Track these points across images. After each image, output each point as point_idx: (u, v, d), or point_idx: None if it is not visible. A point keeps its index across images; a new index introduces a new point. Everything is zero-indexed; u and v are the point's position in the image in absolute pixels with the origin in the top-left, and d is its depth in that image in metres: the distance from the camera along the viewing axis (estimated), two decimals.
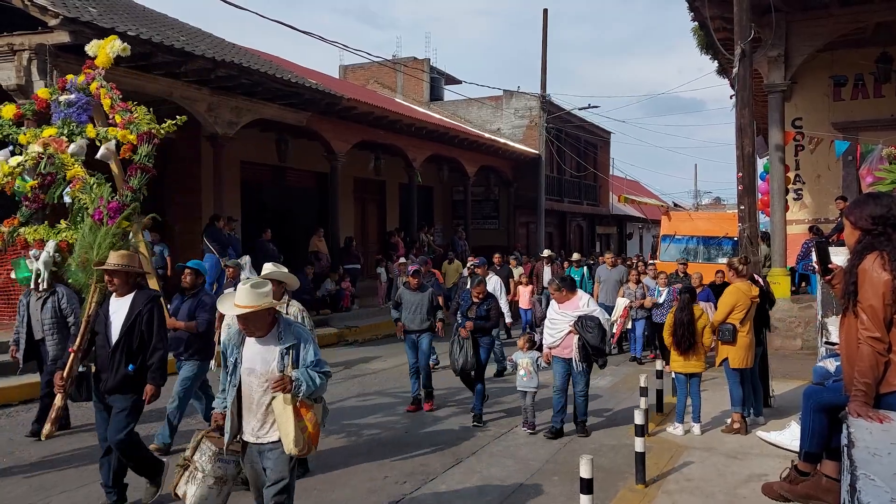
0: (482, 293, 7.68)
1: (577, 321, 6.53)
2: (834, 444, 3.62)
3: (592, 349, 6.49)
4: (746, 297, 6.95)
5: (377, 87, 27.93)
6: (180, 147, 14.59)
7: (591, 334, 6.44)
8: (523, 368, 7.12)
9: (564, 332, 6.65)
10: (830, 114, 14.79)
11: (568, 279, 7.00)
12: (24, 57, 9.27)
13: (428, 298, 8.13)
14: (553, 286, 6.89)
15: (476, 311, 7.59)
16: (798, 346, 11.43)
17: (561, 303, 6.77)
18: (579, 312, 6.60)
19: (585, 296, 6.85)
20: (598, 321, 6.54)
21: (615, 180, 35.99)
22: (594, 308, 6.70)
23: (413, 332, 8.12)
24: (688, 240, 18.00)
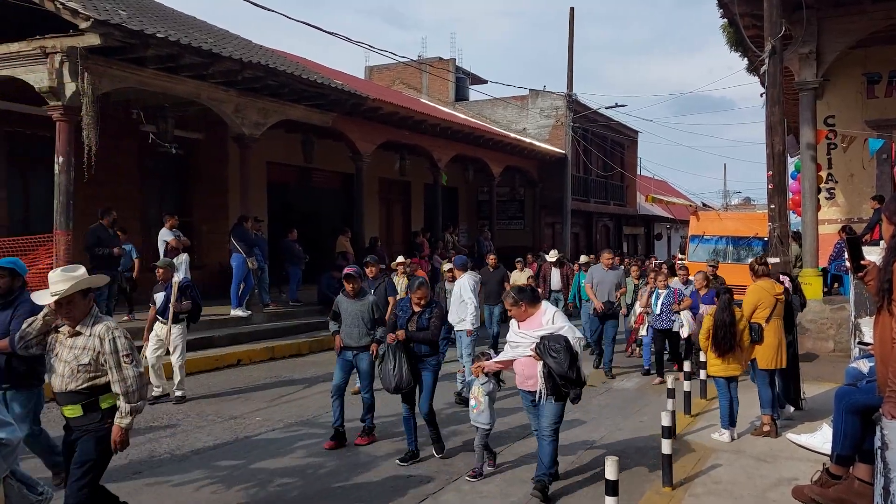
0: (423, 299, 6.25)
1: (539, 343, 5.05)
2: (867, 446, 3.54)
3: (560, 379, 4.96)
4: (769, 295, 6.84)
5: (402, 87, 28.00)
6: (207, 148, 14.78)
7: (556, 359, 4.90)
8: (474, 398, 5.84)
9: (522, 355, 5.24)
10: (864, 111, 14.49)
11: (527, 290, 5.48)
12: (56, 59, 9.41)
13: (368, 309, 6.69)
14: (508, 300, 5.37)
15: (417, 321, 6.17)
16: (830, 348, 11.21)
17: (521, 320, 5.32)
18: (542, 331, 5.11)
19: (551, 309, 5.32)
20: (566, 342, 4.99)
21: (643, 180, 35.67)
22: (561, 325, 5.13)
23: (351, 348, 6.73)
24: (717, 240, 17.78)
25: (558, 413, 5.18)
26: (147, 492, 5.39)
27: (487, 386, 5.78)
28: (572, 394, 5.09)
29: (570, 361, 4.89)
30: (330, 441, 6.56)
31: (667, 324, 9.77)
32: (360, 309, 6.69)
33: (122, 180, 13.03)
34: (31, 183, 12.08)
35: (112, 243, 10.16)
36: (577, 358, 4.97)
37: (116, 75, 10.21)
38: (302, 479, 5.73)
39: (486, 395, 5.75)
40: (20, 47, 9.54)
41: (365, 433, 6.70)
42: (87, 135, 9.58)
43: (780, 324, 6.91)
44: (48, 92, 9.51)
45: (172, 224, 11.32)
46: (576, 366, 4.94)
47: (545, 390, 5.04)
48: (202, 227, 14.81)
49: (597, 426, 7.33)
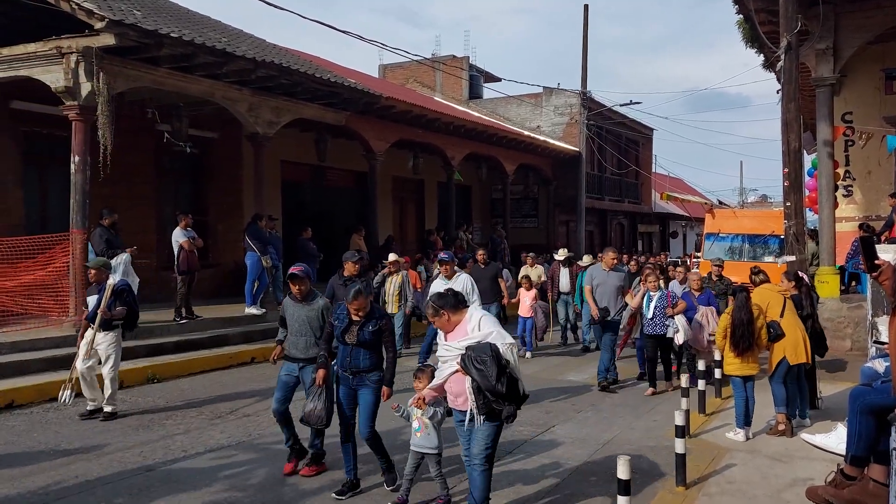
0: (361, 310, 5.24)
1: (464, 355, 4.35)
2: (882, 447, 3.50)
3: (490, 394, 4.28)
4: (774, 293, 6.93)
5: (416, 85, 28.02)
6: (222, 147, 14.86)
7: (481, 371, 4.23)
8: (416, 419, 5.16)
9: (450, 373, 4.55)
10: (882, 108, 14.32)
11: (448, 295, 4.70)
12: (71, 59, 9.49)
13: (318, 314, 5.75)
14: (428, 310, 4.66)
15: (358, 334, 5.25)
16: (847, 346, 11.09)
17: (447, 331, 4.64)
18: (468, 341, 4.43)
19: (477, 314, 4.63)
20: (494, 350, 4.30)
21: (658, 178, 35.49)
22: (489, 330, 4.43)
23: (296, 359, 5.77)
24: (732, 238, 17.63)
25: (491, 436, 4.46)
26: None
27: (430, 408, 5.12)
28: (505, 411, 4.35)
29: (497, 373, 4.22)
30: (288, 463, 5.76)
31: (660, 329, 8.84)
32: (307, 314, 5.76)
33: (137, 179, 13.12)
34: (47, 182, 12.19)
35: (119, 244, 10.23)
36: (505, 368, 4.28)
37: (131, 75, 10.28)
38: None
39: (432, 416, 5.14)
40: (37, 48, 9.64)
41: (313, 461, 5.76)
42: (102, 134, 9.66)
43: (796, 319, 6.87)
44: (64, 92, 9.60)
45: (186, 224, 11.39)
46: (504, 377, 4.25)
47: (476, 408, 4.36)
48: (217, 225, 14.89)
49: (609, 425, 7.31)
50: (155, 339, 10.34)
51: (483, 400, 4.29)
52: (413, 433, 5.20)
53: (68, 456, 6.18)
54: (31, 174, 11.93)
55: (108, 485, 5.46)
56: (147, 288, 12.71)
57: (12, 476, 5.64)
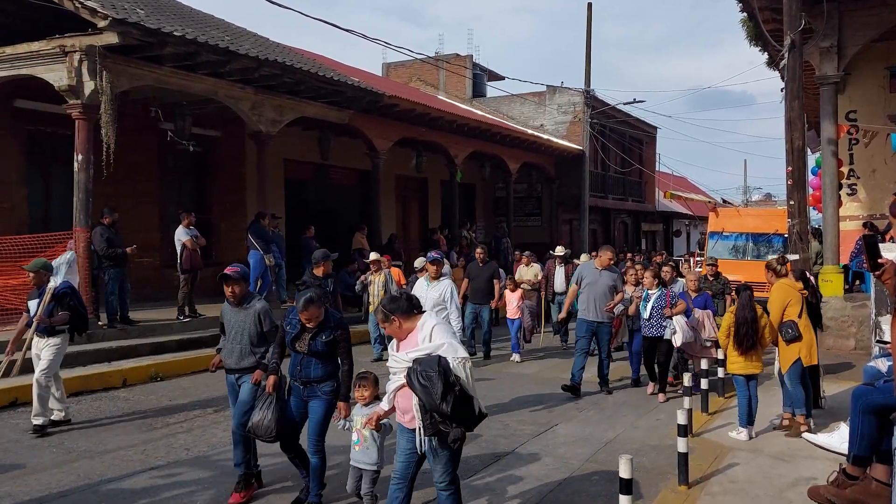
0: (312, 320, 4.85)
1: (411, 368, 3.93)
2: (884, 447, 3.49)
3: (436, 414, 3.84)
4: (795, 291, 6.77)
5: (420, 84, 28.00)
6: (225, 145, 14.87)
7: (424, 388, 3.81)
8: (356, 431, 4.84)
9: (397, 387, 4.14)
10: (886, 106, 14.26)
11: (400, 299, 4.24)
12: (74, 58, 9.50)
13: (254, 319, 5.21)
14: (380, 314, 4.21)
15: (310, 344, 4.88)
16: (851, 345, 11.06)
17: (399, 339, 4.21)
18: (417, 352, 4.00)
19: (430, 322, 4.14)
20: (442, 364, 3.86)
21: (662, 176, 35.43)
22: (440, 342, 3.99)
23: (231, 370, 5.30)
24: (736, 237, 17.62)
25: (451, 461, 4.08)
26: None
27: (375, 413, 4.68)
28: (452, 434, 3.88)
29: (443, 391, 3.76)
30: (236, 493, 5.08)
31: (658, 331, 8.34)
32: (242, 320, 5.24)
33: (140, 178, 13.14)
34: (51, 181, 12.22)
35: (120, 242, 10.23)
36: (454, 386, 3.81)
37: (134, 73, 10.30)
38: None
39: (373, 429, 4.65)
40: (40, 46, 9.65)
41: (242, 485, 5.15)
42: (105, 133, 9.67)
43: (808, 320, 6.84)
44: (67, 90, 9.62)
45: (189, 222, 11.39)
46: (452, 396, 3.78)
47: (423, 428, 3.94)
48: (220, 224, 14.90)
49: (612, 424, 7.30)
50: (158, 337, 10.37)
51: (430, 420, 3.88)
52: (352, 445, 4.87)
53: (70, 453, 6.20)
54: (34, 173, 11.95)
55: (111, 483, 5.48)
56: (150, 286, 12.78)
57: (15, 475, 5.66)
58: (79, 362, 8.94)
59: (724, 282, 10.22)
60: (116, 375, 8.90)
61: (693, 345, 8.53)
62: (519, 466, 5.92)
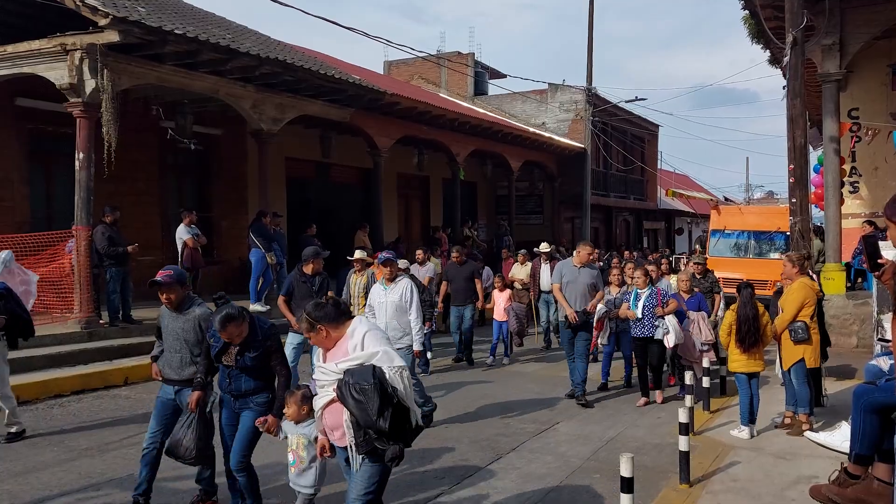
0: (234, 337, 4.41)
1: (342, 381, 3.52)
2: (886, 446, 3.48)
3: (372, 431, 3.46)
4: (813, 293, 6.73)
5: (421, 82, 27.97)
6: (226, 143, 14.88)
7: (358, 403, 3.41)
8: (291, 452, 4.43)
9: (326, 402, 3.72)
10: (889, 104, 14.21)
11: (327, 305, 3.81)
12: (76, 56, 9.49)
13: (194, 326, 4.79)
14: (304, 322, 3.80)
15: (236, 359, 4.48)
16: (853, 343, 11.05)
17: (326, 349, 3.82)
18: (348, 363, 3.58)
19: (361, 329, 3.72)
20: (378, 375, 3.46)
21: (663, 174, 35.38)
22: (374, 350, 3.59)
23: (171, 381, 4.90)
24: (738, 234, 17.63)
25: (372, 477, 3.60)
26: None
27: (309, 430, 4.26)
28: (389, 452, 3.48)
29: (379, 405, 3.38)
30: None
31: (649, 331, 7.98)
32: (181, 326, 4.81)
33: (141, 176, 13.15)
34: (53, 179, 12.22)
35: (122, 241, 10.22)
36: (392, 398, 3.44)
37: (135, 72, 10.29)
38: None
39: (310, 445, 4.25)
40: (41, 45, 9.65)
41: (200, 499, 4.87)
42: (106, 131, 9.67)
43: (817, 323, 6.82)
44: (68, 89, 9.61)
45: (191, 221, 11.39)
46: (389, 410, 3.40)
47: (355, 446, 3.54)
48: (221, 222, 14.91)
49: (613, 422, 7.29)
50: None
51: (363, 437, 3.48)
52: (288, 466, 4.44)
53: (71, 451, 6.20)
54: (36, 171, 11.96)
55: (112, 481, 5.46)
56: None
57: (16, 472, 5.66)
58: (80, 360, 8.94)
59: (712, 280, 9.81)
60: (118, 374, 8.90)
61: (689, 349, 8.20)
62: (520, 464, 5.92)
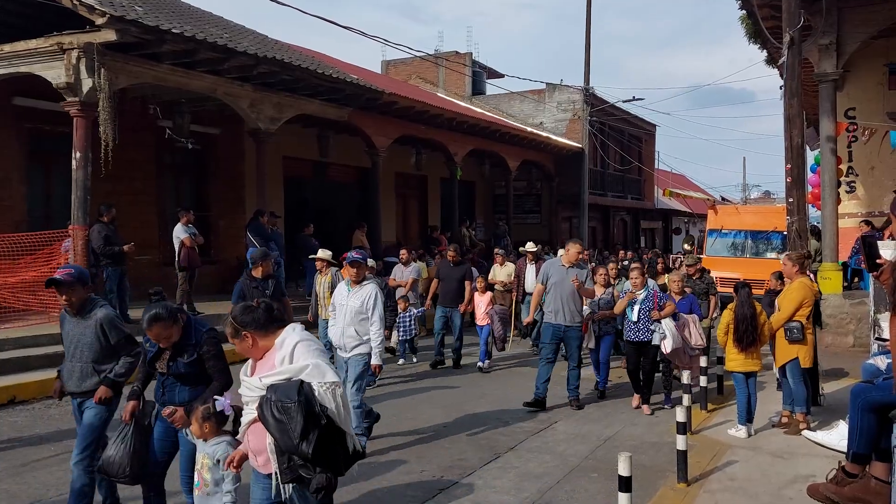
0: (162, 338, 4.08)
1: (264, 398, 3.11)
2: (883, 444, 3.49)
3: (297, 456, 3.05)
4: (812, 293, 6.74)
5: (419, 81, 27.97)
6: (224, 143, 14.86)
7: (279, 424, 3.00)
8: (196, 474, 3.91)
9: (248, 422, 3.32)
10: (885, 103, 14.25)
11: (257, 310, 3.41)
12: (72, 55, 9.48)
13: (95, 332, 4.36)
14: (228, 328, 3.41)
15: (169, 366, 4.16)
16: (850, 343, 11.08)
17: (255, 360, 3.43)
18: (274, 377, 3.17)
19: (292, 339, 3.28)
20: (304, 392, 3.05)
21: (661, 174, 35.43)
22: (304, 363, 3.16)
23: (70, 393, 4.51)
24: (735, 234, 17.67)
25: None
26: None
27: (221, 449, 3.78)
28: (315, 481, 3.06)
29: (303, 427, 2.95)
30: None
31: (645, 335, 7.65)
32: (82, 332, 4.38)
33: (139, 175, 13.12)
34: (51, 178, 12.20)
35: (118, 240, 10.20)
36: (319, 419, 3.01)
37: (133, 71, 10.28)
38: None
39: (215, 466, 3.78)
40: (38, 44, 9.63)
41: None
42: (103, 130, 9.65)
43: (812, 323, 6.83)
44: (65, 88, 9.59)
45: (188, 220, 11.38)
46: (314, 433, 2.98)
47: (279, 473, 3.11)
48: (219, 221, 14.89)
49: (611, 421, 7.30)
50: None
51: (287, 463, 3.06)
52: (193, 488, 3.96)
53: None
54: (34, 171, 11.93)
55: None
56: (149, 284, 12.71)
57: (14, 472, 5.65)
58: None
59: (708, 281, 9.46)
60: None
61: (680, 354, 7.76)
62: (518, 464, 5.93)
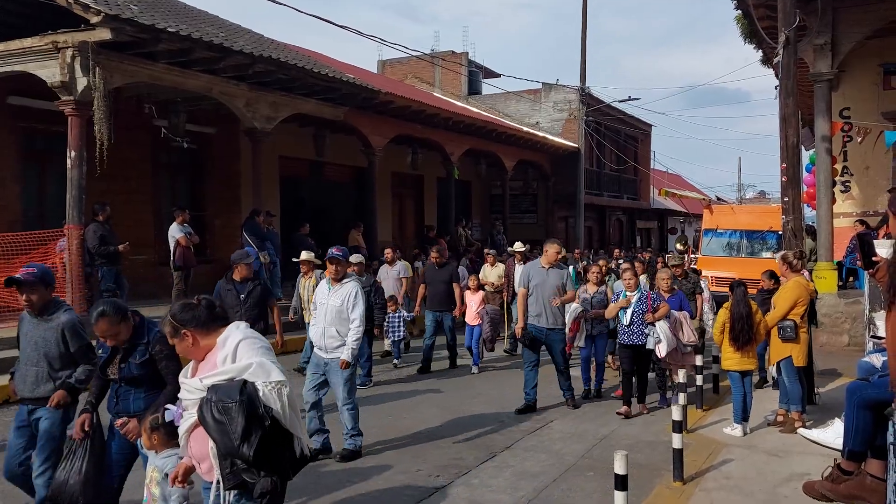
0: (109, 336, 3.88)
1: (204, 399, 2.89)
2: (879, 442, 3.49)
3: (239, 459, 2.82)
4: (807, 292, 6.75)
5: (415, 81, 27.97)
6: (220, 142, 14.83)
7: (220, 426, 2.79)
8: (145, 489, 3.70)
9: (189, 425, 3.04)
10: (880, 103, 14.29)
11: (197, 307, 3.15)
12: (67, 54, 9.44)
13: (56, 336, 4.18)
14: (167, 326, 3.16)
15: (120, 368, 3.95)
16: (845, 342, 11.09)
17: (197, 360, 3.17)
18: (215, 377, 2.94)
19: (235, 337, 3.04)
20: (250, 393, 2.84)
21: (656, 174, 35.49)
22: (248, 361, 2.95)
23: (26, 399, 4.29)
24: (730, 234, 17.71)
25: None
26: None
27: (171, 462, 3.52)
28: (259, 486, 2.85)
29: (244, 428, 2.75)
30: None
31: (639, 338, 7.40)
32: (42, 335, 4.17)
33: (134, 174, 13.09)
34: (45, 178, 12.16)
35: (114, 240, 10.16)
36: (263, 420, 2.81)
37: (128, 70, 10.25)
38: None
39: (164, 480, 3.52)
40: (32, 42, 9.60)
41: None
42: (98, 129, 9.62)
43: (807, 322, 6.84)
44: (60, 87, 9.56)
45: (183, 219, 11.35)
46: (257, 435, 2.77)
47: (222, 479, 2.88)
48: (215, 221, 14.86)
49: (607, 420, 7.30)
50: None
51: (230, 468, 2.83)
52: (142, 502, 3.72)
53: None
54: (29, 170, 11.89)
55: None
56: (145, 284, 12.73)
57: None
58: None
59: (694, 281, 9.11)
60: None
61: (674, 354, 7.58)
62: (514, 463, 5.93)
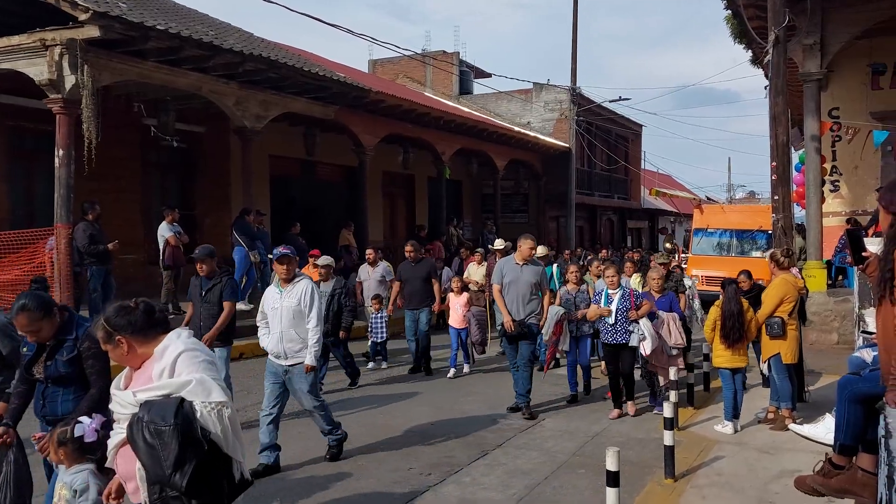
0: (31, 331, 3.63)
1: (135, 417, 2.57)
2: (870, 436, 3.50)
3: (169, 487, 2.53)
4: (794, 289, 6.77)
5: (406, 81, 27.94)
6: (209, 141, 14.77)
7: (150, 449, 2.49)
8: (56, 495, 3.38)
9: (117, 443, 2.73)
10: (868, 103, 14.39)
11: (134, 310, 2.83)
12: (55, 52, 9.36)
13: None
14: (100, 331, 2.82)
15: (46, 366, 3.68)
16: (834, 340, 11.15)
17: (133, 369, 2.86)
18: (150, 392, 2.64)
19: (175, 348, 2.75)
20: (186, 414, 2.54)
21: (647, 174, 35.63)
22: (188, 377, 2.65)
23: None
24: (720, 233, 17.78)
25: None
26: None
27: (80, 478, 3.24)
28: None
29: (177, 455, 2.46)
30: None
31: (623, 337, 7.20)
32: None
33: (123, 173, 13.00)
34: (34, 177, 12.07)
35: (103, 239, 10.09)
36: (201, 445, 2.53)
37: (117, 68, 10.17)
38: None
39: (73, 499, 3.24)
40: (20, 40, 9.51)
41: None
42: (87, 128, 9.54)
43: (796, 320, 6.85)
44: (48, 85, 9.47)
45: (173, 218, 11.29)
46: (191, 462, 2.48)
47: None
48: (204, 220, 14.79)
49: (598, 418, 7.30)
50: None
51: (159, 494, 2.57)
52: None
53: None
54: (17, 169, 11.80)
55: None
56: (135, 283, 12.65)
57: None
58: None
59: (676, 279, 9.00)
60: None
61: (658, 354, 7.36)
62: (506, 461, 5.92)
